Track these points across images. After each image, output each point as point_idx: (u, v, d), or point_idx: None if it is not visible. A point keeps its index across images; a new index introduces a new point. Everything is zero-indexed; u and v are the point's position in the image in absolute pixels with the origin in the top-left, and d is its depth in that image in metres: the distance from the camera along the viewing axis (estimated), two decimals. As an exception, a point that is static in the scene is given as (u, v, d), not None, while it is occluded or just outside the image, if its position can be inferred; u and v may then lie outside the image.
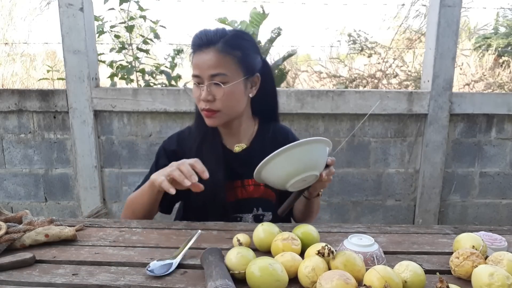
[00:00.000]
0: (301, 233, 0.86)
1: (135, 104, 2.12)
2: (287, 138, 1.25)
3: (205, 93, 1.04)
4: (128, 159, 2.22)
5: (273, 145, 1.20)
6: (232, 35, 1.07)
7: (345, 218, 2.32)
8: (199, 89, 1.06)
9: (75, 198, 2.27)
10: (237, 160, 1.17)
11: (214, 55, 1.03)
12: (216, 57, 1.03)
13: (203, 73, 1.04)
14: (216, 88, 1.05)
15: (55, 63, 4.01)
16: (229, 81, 1.05)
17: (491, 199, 2.33)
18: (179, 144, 1.19)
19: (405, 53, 3.62)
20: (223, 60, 1.04)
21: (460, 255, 0.75)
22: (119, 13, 2.43)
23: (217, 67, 1.04)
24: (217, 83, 1.04)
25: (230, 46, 1.05)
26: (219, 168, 1.12)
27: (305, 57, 4.44)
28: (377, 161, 2.26)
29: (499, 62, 3.81)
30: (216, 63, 1.03)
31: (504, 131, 2.24)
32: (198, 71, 1.05)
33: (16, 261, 0.79)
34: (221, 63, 1.04)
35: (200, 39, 1.05)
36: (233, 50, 1.05)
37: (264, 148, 1.18)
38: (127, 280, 0.74)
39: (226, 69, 1.04)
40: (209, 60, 1.03)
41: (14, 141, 2.22)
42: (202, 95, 1.05)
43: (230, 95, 1.06)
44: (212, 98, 1.05)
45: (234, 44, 1.05)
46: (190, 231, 0.99)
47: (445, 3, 2.06)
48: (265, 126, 1.23)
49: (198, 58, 1.05)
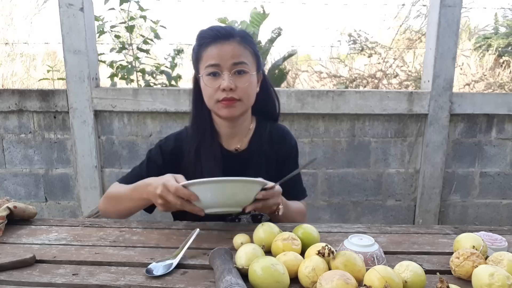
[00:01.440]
0: (301, 233, 0.86)
1: (135, 104, 2.12)
2: (283, 137, 1.23)
3: (228, 81, 1.04)
4: (128, 159, 2.22)
5: (271, 145, 1.20)
6: (245, 32, 1.12)
7: (345, 218, 2.32)
8: (217, 79, 1.06)
9: (75, 198, 2.27)
10: (235, 160, 1.17)
11: (236, 45, 1.06)
12: (238, 47, 1.06)
13: (224, 62, 1.05)
14: (238, 76, 1.06)
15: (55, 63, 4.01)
16: (250, 72, 1.08)
17: (491, 199, 2.33)
18: (177, 145, 1.17)
19: (406, 53, 3.62)
20: (243, 51, 1.07)
21: (460, 255, 0.75)
22: (120, 13, 2.43)
23: (240, 56, 1.06)
24: (241, 71, 1.06)
25: (246, 39, 1.09)
26: (218, 170, 1.11)
27: (305, 57, 4.44)
28: (377, 161, 2.26)
29: (499, 62, 3.81)
30: (239, 52, 1.06)
31: (504, 131, 2.24)
32: (217, 60, 1.05)
33: (17, 261, 0.79)
34: (243, 53, 1.07)
35: (218, 32, 1.07)
36: (249, 44, 1.09)
37: (261, 147, 1.18)
38: (127, 280, 0.74)
39: (247, 59, 1.08)
40: (232, 49, 1.05)
41: (15, 141, 2.22)
42: (224, 84, 1.04)
43: (251, 84, 1.09)
44: (235, 86, 1.05)
45: (249, 40, 1.11)
46: (190, 231, 0.98)
47: (445, 3, 2.06)
48: (262, 126, 1.22)
49: (218, 48, 1.05)
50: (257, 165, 1.17)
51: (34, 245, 0.91)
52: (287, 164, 1.20)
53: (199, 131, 1.15)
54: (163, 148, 1.18)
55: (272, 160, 1.19)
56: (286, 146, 1.23)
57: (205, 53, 1.07)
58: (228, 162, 1.15)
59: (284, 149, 1.22)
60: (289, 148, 1.24)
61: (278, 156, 1.21)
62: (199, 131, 1.15)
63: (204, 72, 1.07)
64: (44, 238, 0.95)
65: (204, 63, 1.07)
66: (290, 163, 1.22)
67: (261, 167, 1.17)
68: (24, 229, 1.00)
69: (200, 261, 0.82)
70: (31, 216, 1.07)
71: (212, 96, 1.08)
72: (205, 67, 1.07)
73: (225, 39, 1.06)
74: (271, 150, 1.20)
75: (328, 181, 2.27)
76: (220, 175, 1.08)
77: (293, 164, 1.23)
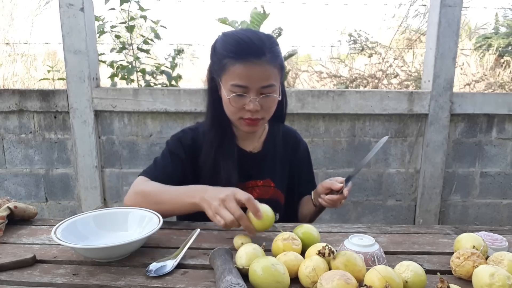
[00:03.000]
0: (301, 233, 0.86)
1: (136, 104, 2.12)
2: (296, 139, 1.28)
3: (255, 104, 1.02)
4: (129, 159, 2.22)
5: (284, 147, 1.23)
6: (273, 42, 1.04)
7: (345, 218, 2.32)
8: (243, 98, 1.02)
9: (75, 198, 2.28)
10: (250, 161, 1.18)
11: (266, 67, 1.00)
12: (268, 69, 1.01)
13: (253, 84, 1.01)
14: (265, 97, 1.03)
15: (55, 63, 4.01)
16: (276, 91, 1.05)
17: (492, 199, 2.33)
18: (194, 141, 1.16)
19: (406, 53, 3.62)
20: (272, 71, 1.02)
21: (460, 255, 0.75)
22: (120, 13, 2.43)
23: (269, 78, 1.02)
24: (268, 93, 1.03)
25: (275, 56, 1.03)
26: (234, 172, 1.11)
27: (305, 57, 4.44)
28: (377, 161, 2.26)
29: (499, 62, 3.80)
30: (269, 75, 1.02)
31: (504, 131, 2.24)
32: (246, 82, 1.00)
33: (17, 261, 0.79)
34: (272, 75, 1.02)
35: (249, 48, 1.00)
36: (277, 60, 1.03)
37: (276, 149, 1.21)
38: (127, 280, 0.74)
39: (274, 79, 1.03)
40: (262, 72, 1.00)
41: (15, 141, 2.22)
42: (251, 107, 1.02)
43: (275, 103, 1.07)
44: (260, 108, 1.03)
45: (277, 53, 1.04)
46: (190, 231, 0.98)
47: (445, 3, 2.05)
48: (275, 127, 1.24)
49: (247, 68, 0.99)
50: (272, 166, 1.20)
51: (35, 245, 0.91)
52: (303, 166, 1.28)
53: (217, 133, 1.13)
54: (183, 141, 1.15)
55: (286, 161, 1.23)
56: (301, 149, 1.28)
57: (232, 67, 1.01)
58: (244, 162, 1.16)
59: (298, 153, 1.27)
60: (303, 150, 1.30)
61: (293, 159, 1.25)
62: (217, 133, 1.13)
63: (228, 87, 1.03)
64: (44, 238, 0.95)
65: (230, 78, 1.02)
66: (306, 165, 1.30)
67: (275, 168, 1.20)
68: (24, 229, 1.00)
69: (201, 261, 0.82)
70: (32, 216, 1.07)
71: (236, 113, 1.06)
72: (231, 84, 1.02)
73: (255, 57, 0.99)
74: (284, 152, 1.23)
75: (328, 181, 2.27)
76: (236, 178, 1.09)
77: (308, 165, 1.32)
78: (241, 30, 1.07)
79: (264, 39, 1.02)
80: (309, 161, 1.33)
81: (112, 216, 0.95)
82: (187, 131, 1.19)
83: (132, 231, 0.92)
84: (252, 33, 1.03)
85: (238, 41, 1.01)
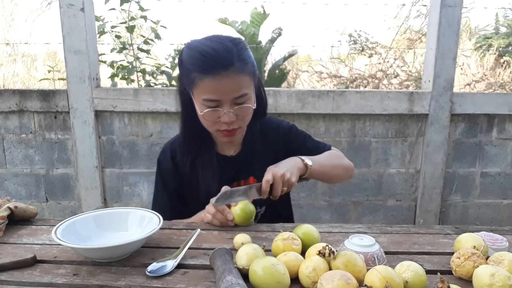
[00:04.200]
0: (301, 234, 0.86)
1: (136, 104, 2.12)
2: (273, 129, 1.22)
3: (229, 117, 0.99)
4: (129, 159, 2.22)
5: (263, 141, 1.20)
6: (241, 48, 0.99)
7: (346, 218, 2.32)
8: (216, 111, 0.99)
9: (76, 198, 2.28)
10: (231, 164, 1.17)
11: (236, 77, 0.96)
12: (238, 79, 0.97)
13: (225, 97, 0.98)
14: (239, 107, 1.00)
15: (56, 63, 4.02)
16: (251, 98, 1.02)
17: (492, 199, 2.32)
18: (173, 159, 1.17)
19: (406, 53, 3.62)
20: (243, 79, 0.99)
21: (461, 256, 0.75)
22: (120, 13, 2.43)
23: (240, 89, 0.98)
24: (242, 102, 1.00)
25: (245, 63, 0.98)
26: (214, 181, 1.12)
27: (305, 57, 4.44)
28: (378, 161, 2.26)
29: (500, 62, 3.80)
30: (240, 85, 0.98)
31: (505, 131, 2.24)
32: (217, 96, 0.97)
33: (17, 261, 0.79)
34: (243, 84, 0.99)
35: (215, 60, 0.95)
36: (247, 67, 0.99)
37: (255, 146, 1.18)
38: (128, 280, 0.74)
39: (247, 87, 1.00)
40: (233, 83, 0.97)
41: (15, 141, 2.22)
42: (226, 119, 0.99)
43: (251, 110, 1.04)
44: (236, 118, 1.01)
45: (246, 59, 1.00)
46: (191, 231, 0.99)
47: (446, 3, 2.05)
48: (253, 126, 1.19)
49: (216, 82, 0.96)
50: (252, 164, 1.17)
51: (35, 245, 0.91)
52: (295, 146, 1.21)
53: (192, 145, 1.13)
54: (165, 166, 1.18)
55: (268, 153, 1.19)
56: (281, 134, 1.22)
57: (201, 82, 0.97)
58: (225, 167, 1.15)
59: (280, 139, 1.21)
60: (285, 133, 1.22)
61: (277, 148, 1.20)
62: (192, 146, 1.13)
63: (201, 102, 1.00)
64: (45, 238, 0.95)
65: (201, 93, 0.99)
66: (298, 143, 1.23)
67: (256, 165, 1.15)
68: (24, 229, 1.00)
69: (201, 261, 0.82)
70: (32, 216, 1.07)
71: (212, 126, 1.04)
72: (203, 99, 0.99)
73: (224, 69, 0.95)
74: (264, 146, 1.19)
75: (328, 181, 2.27)
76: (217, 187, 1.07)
77: (301, 141, 1.23)
78: (205, 41, 0.99)
79: (230, 47, 0.97)
80: (301, 137, 1.25)
81: (113, 216, 0.95)
82: (166, 151, 1.20)
83: (132, 231, 0.92)
84: (217, 43, 0.98)
85: (203, 55, 0.96)
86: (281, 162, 1.06)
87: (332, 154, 1.23)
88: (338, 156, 1.25)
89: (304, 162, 1.07)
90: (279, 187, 0.99)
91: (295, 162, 1.07)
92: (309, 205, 2.30)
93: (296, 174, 1.03)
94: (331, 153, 1.23)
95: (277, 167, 1.03)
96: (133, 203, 2.24)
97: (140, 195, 2.25)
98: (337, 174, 1.22)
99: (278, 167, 1.02)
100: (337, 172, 1.22)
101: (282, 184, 0.99)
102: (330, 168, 1.18)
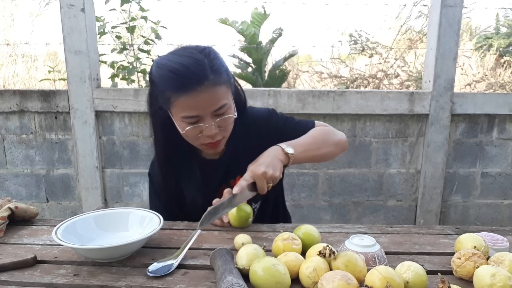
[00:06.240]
0: (302, 234, 0.86)
1: (136, 104, 2.12)
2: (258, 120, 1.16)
3: (212, 130, 0.97)
4: (129, 160, 2.22)
5: (245, 137, 1.13)
6: (212, 58, 0.96)
7: (346, 219, 2.32)
8: (199, 128, 0.97)
9: (76, 198, 2.28)
10: (217, 169, 1.14)
11: (212, 90, 0.93)
12: (215, 91, 0.94)
13: (204, 112, 0.95)
14: (221, 120, 0.98)
15: (56, 63, 4.02)
16: (230, 107, 1.00)
17: (493, 200, 2.32)
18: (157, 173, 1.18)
19: (407, 54, 3.62)
20: (219, 91, 0.95)
21: (461, 256, 0.75)
22: (120, 14, 2.43)
23: (218, 100, 0.95)
24: (223, 113, 0.97)
25: (219, 73, 0.95)
26: (198, 195, 1.13)
27: (306, 57, 4.44)
28: (378, 161, 2.26)
29: (500, 62, 3.80)
30: (217, 97, 0.95)
31: (505, 131, 2.23)
32: (196, 112, 0.94)
33: (18, 262, 0.79)
34: (221, 95, 0.96)
35: (188, 79, 0.92)
36: (221, 76, 0.96)
37: (237, 143, 1.13)
38: (128, 281, 0.74)
39: (225, 97, 0.97)
40: (210, 98, 0.94)
41: (16, 141, 2.23)
42: (209, 133, 0.97)
43: (232, 119, 1.02)
44: (218, 129, 0.99)
45: (220, 68, 0.96)
46: (191, 232, 0.99)
47: (446, 3, 2.05)
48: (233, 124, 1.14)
49: (192, 98, 0.92)
50: (238, 163, 1.11)
51: (35, 245, 0.91)
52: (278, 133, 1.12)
53: (169, 168, 1.12)
54: (153, 179, 1.19)
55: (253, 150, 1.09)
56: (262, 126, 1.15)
57: (177, 100, 0.94)
58: (210, 172, 1.14)
59: (263, 130, 1.14)
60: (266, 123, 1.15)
61: (261, 141, 1.10)
62: (169, 168, 1.12)
63: (180, 119, 0.97)
64: (45, 238, 0.95)
65: (179, 111, 0.96)
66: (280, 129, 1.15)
67: (242, 164, 1.08)
68: (25, 230, 1.01)
69: (201, 261, 0.82)
70: (32, 216, 1.07)
71: (195, 141, 1.02)
72: (182, 116, 0.96)
73: (198, 84, 0.91)
74: (248, 143, 1.13)
75: (329, 181, 2.27)
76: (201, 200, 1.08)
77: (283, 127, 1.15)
78: (174, 57, 0.96)
79: (201, 59, 0.94)
80: (281, 122, 1.16)
81: (113, 216, 0.95)
82: (154, 164, 1.18)
83: (132, 231, 0.93)
84: (187, 57, 0.94)
85: (175, 73, 0.93)
86: (261, 156, 1.02)
87: (317, 132, 1.14)
88: (325, 132, 1.15)
89: (285, 151, 1.02)
90: (263, 185, 0.96)
91: (276, 153, 1.02)
92: (310, 205, 2.30)
93: (279, 167, 0.99)
94: (316, 131, 1.14)
95: (256, 164, 0.99)
96: (134, 203, 2.24)
97: (141, 195, 2.25)
98: (326, 152, 1.14)
99: (257, 164, 0.98)
100: (326, 150, 1.14)
101: (266, 181, 0.96)
102: (316, 148, 1.11)
